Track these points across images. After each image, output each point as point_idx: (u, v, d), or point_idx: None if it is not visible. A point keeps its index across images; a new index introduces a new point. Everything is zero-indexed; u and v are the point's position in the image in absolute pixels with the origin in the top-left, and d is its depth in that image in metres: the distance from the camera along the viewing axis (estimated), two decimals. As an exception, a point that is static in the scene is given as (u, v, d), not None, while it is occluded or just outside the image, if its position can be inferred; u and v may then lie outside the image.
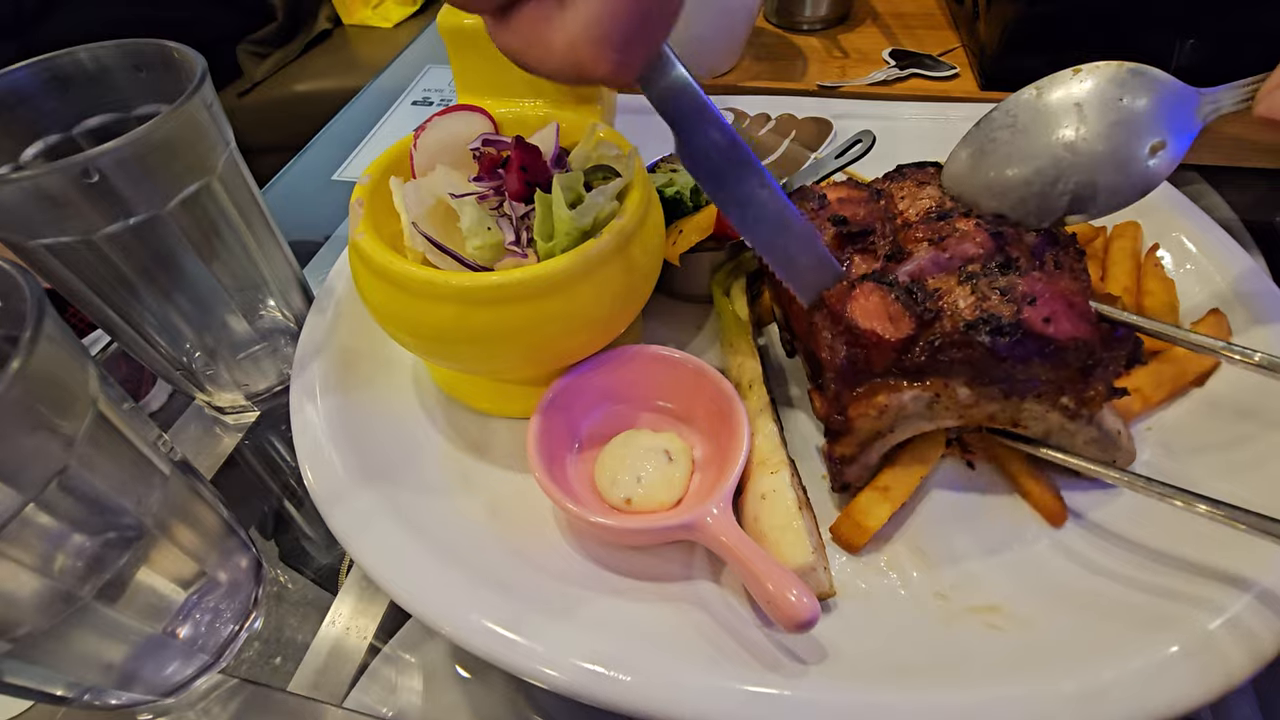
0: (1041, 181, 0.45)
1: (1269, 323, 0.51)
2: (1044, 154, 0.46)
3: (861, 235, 0.46)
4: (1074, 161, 0.45)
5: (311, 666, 0.48)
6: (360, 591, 0.52)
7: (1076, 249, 0.45)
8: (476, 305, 0.43)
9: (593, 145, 0.50)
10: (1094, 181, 0.45)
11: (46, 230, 0.43)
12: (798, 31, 0.99)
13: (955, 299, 0.42)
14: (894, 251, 0.44)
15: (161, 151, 0.44)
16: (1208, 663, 0.36)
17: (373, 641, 0.50)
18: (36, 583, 0.33)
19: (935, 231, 0.44)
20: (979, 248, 0.42)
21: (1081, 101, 0.45)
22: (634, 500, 0.48)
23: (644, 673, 0.38)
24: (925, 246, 0.44)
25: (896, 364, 0.43)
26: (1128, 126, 0.44)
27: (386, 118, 0.98)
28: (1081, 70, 0.46)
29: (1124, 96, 0.44)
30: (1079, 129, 0.45)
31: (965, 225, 0.44)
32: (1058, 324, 0.40)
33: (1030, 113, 0.47)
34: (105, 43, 0.49)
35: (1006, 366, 0.40)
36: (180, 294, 0.52)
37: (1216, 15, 0.73)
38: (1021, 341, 0.40)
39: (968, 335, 0.40)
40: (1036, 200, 0.46)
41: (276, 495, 0.60)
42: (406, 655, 0.49)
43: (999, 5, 0.82)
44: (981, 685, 0.37)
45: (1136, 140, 0.44)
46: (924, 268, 0.43)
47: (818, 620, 0.38)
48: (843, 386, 0.44)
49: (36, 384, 0.30)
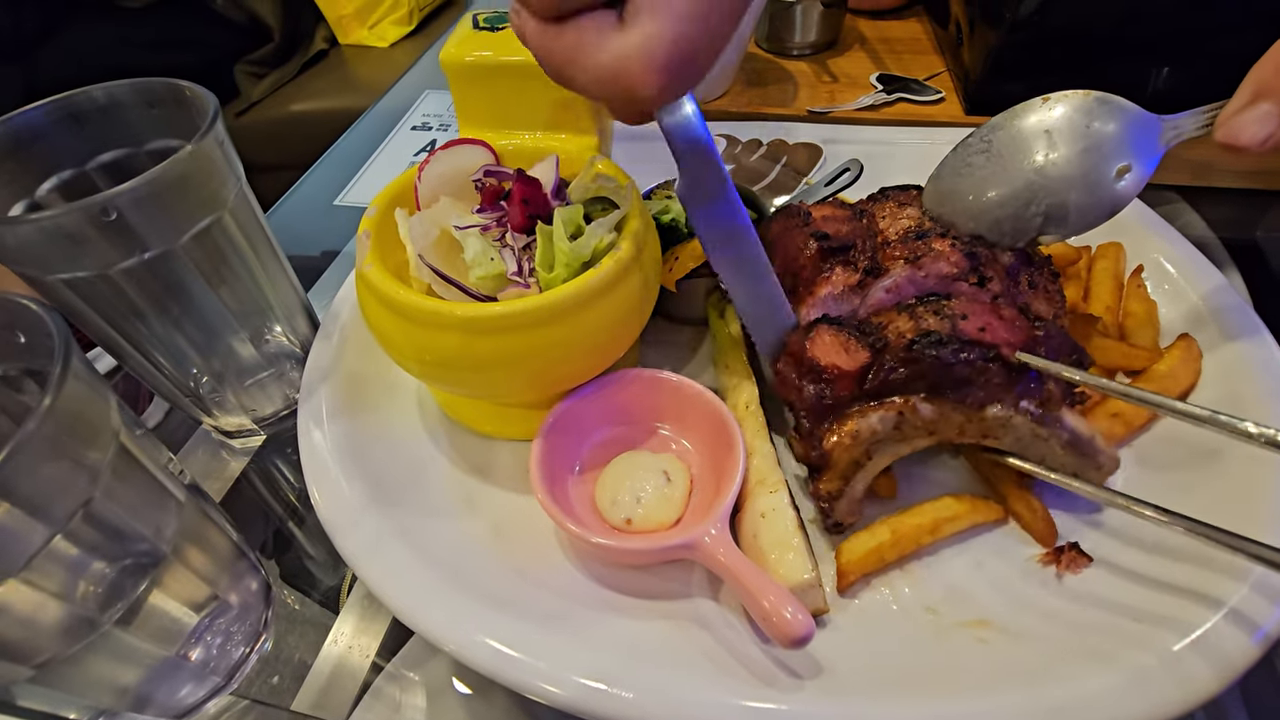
0: (1016, 203, 0.48)
1: (1238, 339, 0.53)
2: (1018, 177, 0.48)
3: (842, 250, 0.48)
4: (1045, 184, 0.47)
5: (315, 686, 0.49)
6: (362, 611, 0.53)
7: (1051, 270, 0.47)
8: (481, 334, 0.44)
9: (591, 177, 0.52)
10: (1065, 203, 0.47)
11: (64, 266, 0.45)
12: (788, 56, 1.02)
13: (898, 325, 0.45)
14: (872, 267, 0.46)
15: (176, 189, 0.46)
16: (1181, 677, 0.37)
17: (375, 660, 0.51)
18: (60, 611, 0.34)
19: (912, 250, 0.47)
20: (953, 267, 0.45)
21: (1051, 128, 0.48)
22: (634, 520, 0.49)
23: (644, 689, 0.40)
24: (902, 265, 0.46)
25: (859, 392, 0.45)
26: (1096, 151, 0.47)
27: (386, 143, 1.00)
28: (1051, 98, 0.48)
29: (1091, 123, 0.47)
30: (1050, 154, 0.47)
31: (941, 245, 0.46)
32: (992, 331, 0.44)
33: (1004, 138, 0.49)
34: (119, 81, 0.51)
35: (956, 372, 0.42)
36: (189, 322, 0.53)
37: (1188, 43, 0.76)
38: (961, 348, 0.42)
39: (913, 351, 0.43)
40: (1011, 221, 0.48)
41: (280, 517, 0.61)
42: (409, 673, 0.50)
43: (981, 32, 0.85)
44: (971, 697, 0.39)
45: (1104, 164, 0.47)
46: (900, 284, 0.45)
47: (813, 636, 0.39)
48: (815, 422, 0.46)
49: (65, 420, 0.32)
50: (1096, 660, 0.39)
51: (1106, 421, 0.51)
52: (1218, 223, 0.78)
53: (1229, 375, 0.51)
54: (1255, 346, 0.52)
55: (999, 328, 0.44)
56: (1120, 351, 0.52)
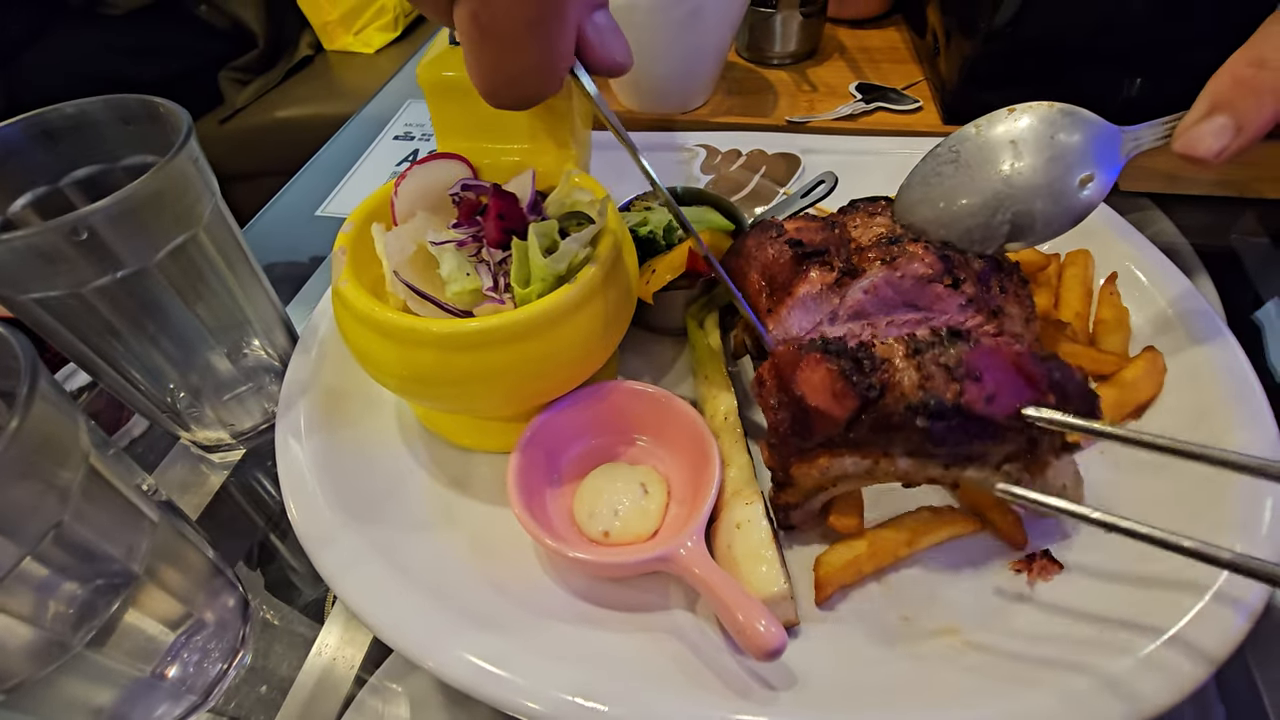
0: (984, 212, 0.49)
1: (1203, 343, 0.54)
2: (985, 187, 0.49)
3: (817, 254, 0.49)
4: (1012, 193, 0.48)
5: (298, 699, 0.49)
6: (345, 624, 0.53)
7: (1020, 276, 0.48)
8: (456, 350, 0.45)
9: (568, 191, 0.53)
10: (1031, 211, 0.48)
11: (36, 285, 0.45)
12: (768, 66, 1.03)
13: (901, 376, 0.42)
14: (848, 268, 0.47)
15: (149, 207, 0.46)
16: (1150, 680, 0.38)
17: (359, 673, 0.51)
18: (30, 633, 0.34)
19: (887, 253, 0.47)
20: (928, 268, 0.45)
21: (1017, 139, 0.49)
22: (612, 533, 0.50)
23: (622, 702, 0.40)
24: (878, 265, 0.47)
25: (840, 437, 0.44)
26: (1060, 161, 0.48)
27: (369, 153, 1.00)
28: (1017, 109, 0.49)
29: (1056, 134, 0.48)
30: (1016, 163, 0.48)
31: (915, 248, 0.47)
32: (999, 401, 0.40)
33: (971, 148, 0.50)
34: (93, 98, 0.51)
35: (947, 446, 0.42)
36: (165, 339, 0.53)
37: (1159, 54, 0.77)
38: (961, 425, 0.41)
39: (907, 417, 0.41)
40: (980, 229, 0.49)
41: (262, 531, 0.61)
42: (393, 685, 0.50)
43: (957, 42, 0.86)
44: (944, 709, 0.39)
45: (1068, 173, 0.48)
46: (877, 285, 0.45)
47: (785, 649, 0.40)
48: (785, 451, 0.46)
49: (33, 442, 0.32)
50: (1066, 669, 0.40)
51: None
52: (1190, 229, 0.79)
53: (1195, 379, 0.52)
54: (1219, 350, 0.53)
55: (1009, 391, 0.40)
56: (1089, 357, 0.53)
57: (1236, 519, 0.44)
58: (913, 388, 0.41)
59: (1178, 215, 0.81)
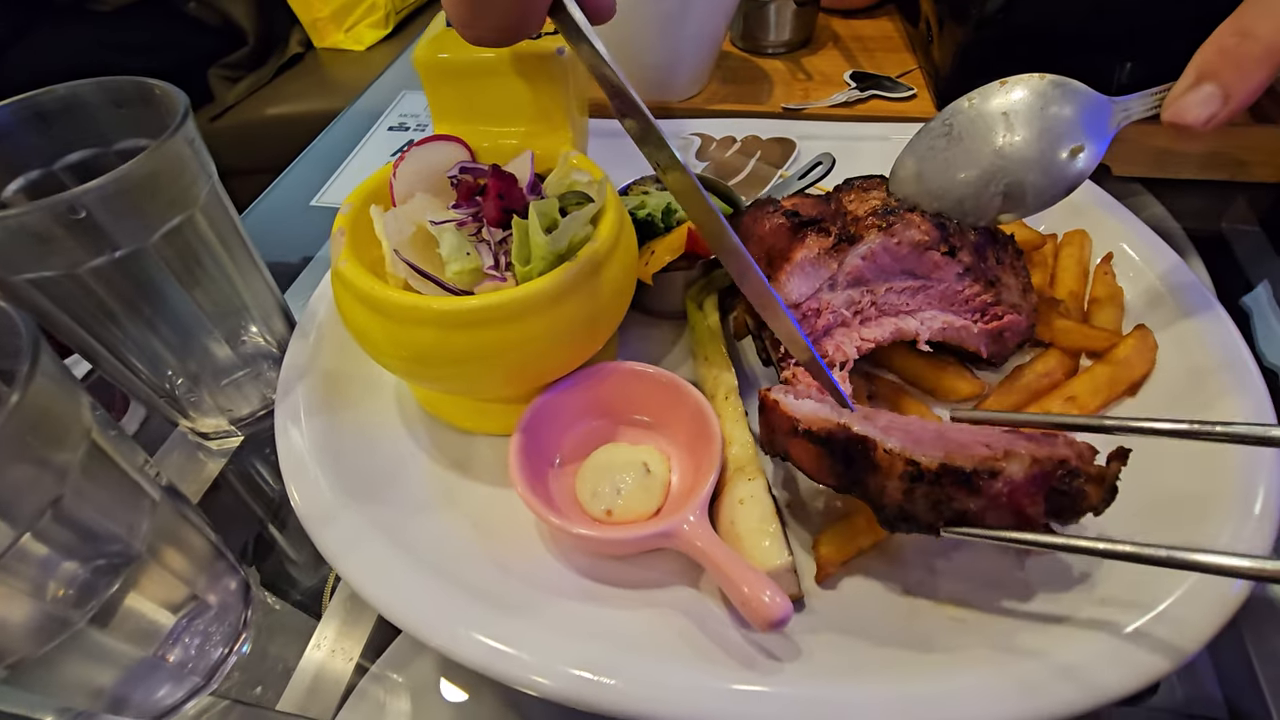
0: (976, 183, 0.49)
1: (1194, 315, 0.55)
2: (978, 159, 0.50)
3: (814, 222, 0.49)
4: (1004, 165, 0.49)
5: (299, 687, 0.49)
6: (345, 614, 0.53)
7: (1015, 248, 0.48)
8: (457, 328, 0.45)
9: (566, 173, 0.53)
10: (1022, 182, 0.49)
11: (32, 265, 0.44)
12: (762, 55, 1.03)
13: (889, 489, 0.40)
14: (846, 234, 0.47)
15: (146, 187, 0.46)
16: (1134, 655, 0.39)
17: (359, 661, 0.51)
18: (31, 610, 0.34)
19: (884, 221, 0.47)
20: (925, 235, 0.45)
21: (1009, 111, 0.49)
22: (614, 511, 0.50)
23: (628, 676, 0.40)
24: (875, 232, 0.47)
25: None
26: (1051, 133, 0.48)
27: (363, 143, 1.00)
28: (1008, 82, 0.50)
29: (1048, 106, 0.48)
30: (1008, 136, 0.49)
31: (911, 216, 0.47)
32: (1009, 496, 0.38)
33: (964, 121, 0.51)
34: (85, 80, 0.50)
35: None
36: (163, 323, 0.53)
37: (1150, 38, 0.78)
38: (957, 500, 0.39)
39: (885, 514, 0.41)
40: (972, 200, 0.50)
41: (260, 519, 0.60)
42: (394, 675, 0.50)
43: (950, 30, 0.86)
44: (945, 675, 0.40)
45: (1059, 145, 0.48)
46: (875, 252, 0.45)
47: (790, 619, 0.40)
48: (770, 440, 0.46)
49: (32, 418, 0.32)
50: (1059, 640, 0.40)
51: (1061, 405, 0.52)
52: (1181, 214, 0.80)
53: (1187, 349, 0.53)
54: (1209, 321, 0.53)
55: (1017, 487, 0.38)
56: (1081, 333, 0.54)
57: (1232, 495, 0.44)
58: (894, 504, 0.40)
59: (1169, 200, 0.82)
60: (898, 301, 0.48)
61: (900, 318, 0.48)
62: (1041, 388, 0.54)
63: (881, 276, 0.47)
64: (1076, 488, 0.37)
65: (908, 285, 0.47)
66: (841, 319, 0.49)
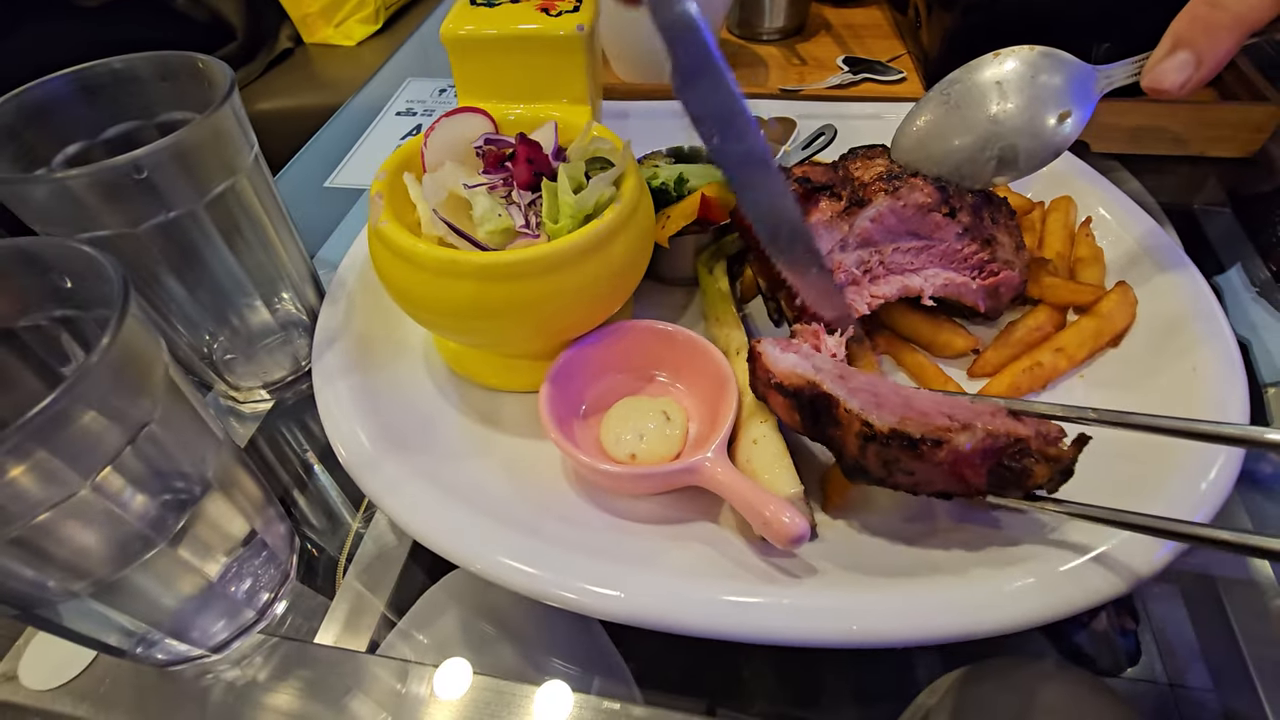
0: (973, 148, 0.54)
1: (1168, 270, 0.59)
2: (974, 126, 0.54)
3: (825, 187, 0.53)
4: (998, 131, 0.53)
5: (329, 635, 0.52)
6: (355, 598, 0.54)
7: (1009, 209, 0.53)
8: (496, 280, 0.48)
9: (588, 140, 0.56)
10: (1015, 146, 0.53)
11: (92, 224, 0.47)
12: (758, 41, 1.07)
13: (845, 440, 0.44)
14: (855, 198, 0.51)
15: (198, 152, 0.49)
16: (1085, 580, 0.42)
17: (386, 614, 0.53)
18: (120, 528, 0.37)
19: (890, 185, 0.51)
20: (928, 197, 0.50)
21: (1002, 80, 0.54)
22: (638, 455, 0.53)
23: (648, 592, 0.43)
24: (882, 196, 0.51)
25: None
26: (1040, 100, 0.53)
27: (372, 128, 1.03)
28: (1001, 54, 0.55)
29: (1038, 75, 0.53)
30: (1002, 104, 0.53)
31: (915, 180, 0.51)
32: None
33: (961, 91, 0.55)
34: (136, 54, 0.53)
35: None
36: (207, 285, 0.56)
37: (1127, 22, 0.83)
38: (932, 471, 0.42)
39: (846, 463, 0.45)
40: (969, 165, 0.54)
41: (286, 484, 0.62)
42: (418, 635, 0.52)
43: (938, 15, 0.91)
44: (944, 586, 0.43)
45: (1047, 111, 0.53)
46: (882, 214, 0.49)
47: (808, 536, 0.44)
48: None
49: (125, 353, 0.35)
50: (1043, 559, 0.44)
51: (1051, 356, 0.57)
52: (1157, 189, 0.85)
53: (1164, 303, 0.58)
54: (1181, 276, 0.58)
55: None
56: (1068, 289, 0.58)
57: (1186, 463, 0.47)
58: (850, 457, 0.44)
59: (1145, 179, 0.87)
60: (903, 260, 0.52)
61: (906, 275, 0.52)
62: (1033, 340, 0.59)
63: (889, 237, 0.51)
64: (1024, 466, 0.41)
65: (912, 245, 0.51)
66: (853, 278, 0.53)
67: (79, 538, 0.36)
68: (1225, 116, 0.84)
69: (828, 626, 0.42)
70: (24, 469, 0.32)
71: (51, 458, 0.33)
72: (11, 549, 0.34)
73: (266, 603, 0.51)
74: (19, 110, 0.50)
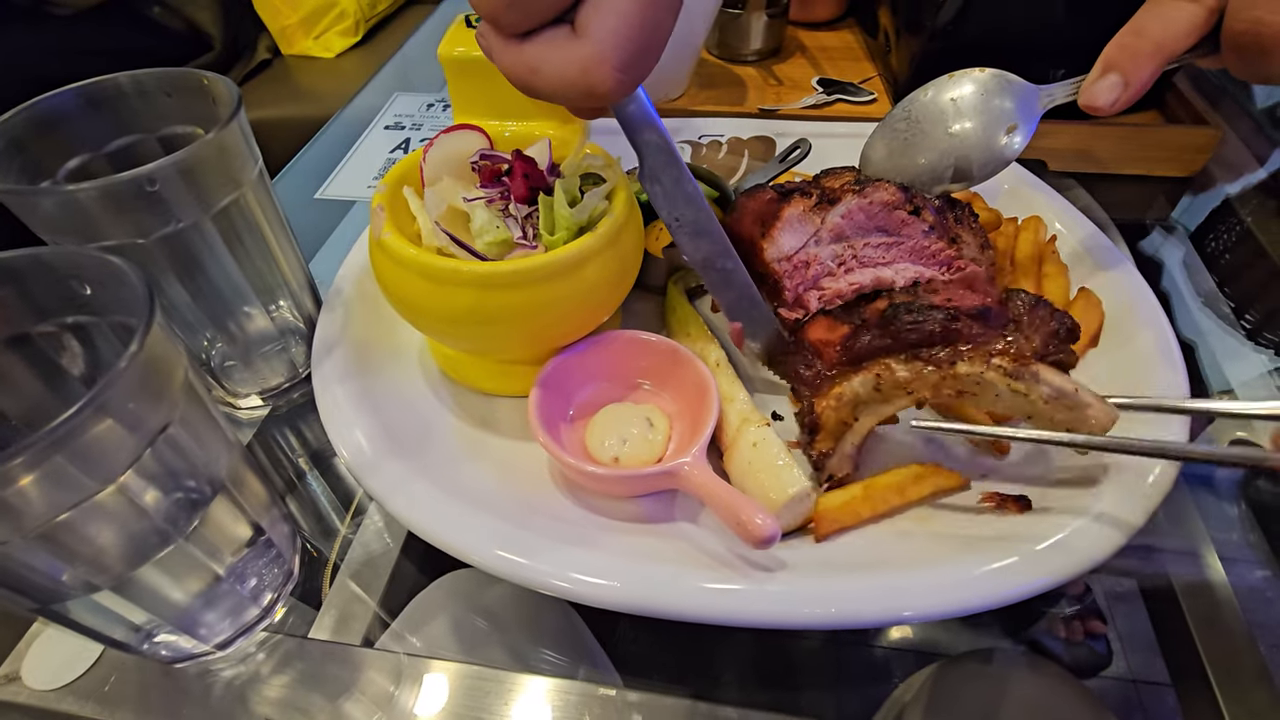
0: (932, 159, 0.61)
1: (1108, 268, 0.67)
2: (934, 140, 0.61)
3: (797, 188, 0.57)
4: (954, 144, 0.60)
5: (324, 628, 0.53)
6: (344, 604, 0.55)
7: (971, 211, 0.59)
8: (494, 289, 0.50)
9: (580, 157, 0.59)
10: (969, 157, 0.60)
11: (101, 234, 0.49)
12: (737, 62, 1.12)
13: (877, 306, 0.54)
14: (826, 197, 0.56)
15: (206, 166, 0.51)
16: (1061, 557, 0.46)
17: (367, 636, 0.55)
18: (143, 523, 0.39)
19: (857, 186, 0.57)
20: (892, 196, 0.55)
21: (957, 98, 0.61)
22: (621, 458, 0.56)
23: (631, 580, 0.46)
24: (850, 195, 0.57)
25: (843, 358, 0.53)
26: (991, 116, 0.60)
27: (361, 141, 1.04)
28: (957, 75, 0.62)
29: (988, 94, 0.60)
30: (957, 120, 0.60)
31: (880, 183, 0.58)
32: (960, 301, 0.51)
33: (920, 108, 0.62)
34: (143, 70, 0.55)
35: (924, 332, 0.50)
36: (209, 293, 0.57)
37: (1079, 50, 0.89)
38: (923, 313, 0.50)
39: (884, 317, 0.51)
40: (928, 174, 0.61)
41: (281, 491, 0.64)
42: (410, 636, 0.54)
43: (906, 40, 0.96)
44: (921, 567, 0.47)
45: (998, 126, 0.60)
46: (852, 211, 0.54)
47: (778, 538, 0.46)
48: (811, 392, 0.54)
49: (150, 357, 0.36)
50: (1022, 539, 0.48)
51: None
52: (1109, 205, 0.90)
53: (1106, 295, 0.64)
54: (1121, 273, 0.65)
55: (967, 298, 0.51)
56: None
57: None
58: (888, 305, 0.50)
59: (1098, 195, 0.93)
60: (875, 255, 0.57)
61: (878, 268, 0.57)
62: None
63: (859, 233, 0.56)
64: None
65: (882, 241, 0.55)
66: (828, 270, 0.57)
67: (100, 535, 0.37)
68: (1170, 139, 0.90)
69: (808, 610, 0.45)
70: (52, 470, 0.34)
71: (79, 459, 0.34)
72: (36, 544, 0.35)
73: (270, 601, 0.53)
74: (29, 122, 0.52)
